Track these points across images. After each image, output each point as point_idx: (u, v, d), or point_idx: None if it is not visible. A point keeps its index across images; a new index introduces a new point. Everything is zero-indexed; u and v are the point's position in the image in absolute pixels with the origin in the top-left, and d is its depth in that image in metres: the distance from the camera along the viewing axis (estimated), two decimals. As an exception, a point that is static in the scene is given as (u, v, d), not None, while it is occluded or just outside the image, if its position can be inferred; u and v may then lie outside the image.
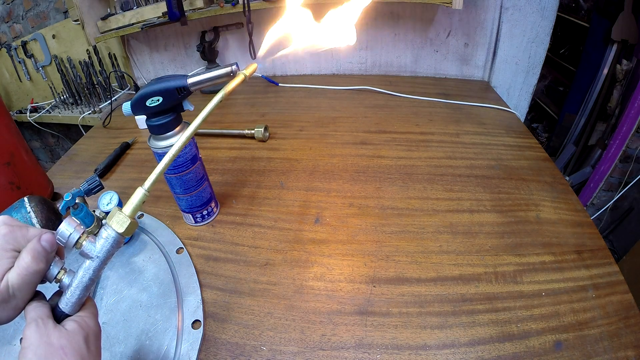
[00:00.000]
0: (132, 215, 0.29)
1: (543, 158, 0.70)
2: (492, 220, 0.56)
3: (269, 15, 1.03)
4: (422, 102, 0.91)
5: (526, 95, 1.03)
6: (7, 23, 1.30)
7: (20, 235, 0.28)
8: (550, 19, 0.89)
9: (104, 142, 0.89)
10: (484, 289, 0.46)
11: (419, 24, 0.98)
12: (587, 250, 0.51)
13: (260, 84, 1.11)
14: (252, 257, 0.53)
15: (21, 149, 0.65)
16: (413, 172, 0.67)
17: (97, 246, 0.29)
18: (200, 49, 1.06)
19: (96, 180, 0.56)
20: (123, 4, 1.04)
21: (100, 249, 0.29)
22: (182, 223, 0.60)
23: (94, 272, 0.29)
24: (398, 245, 0.53)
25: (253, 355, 0.41)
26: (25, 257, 0.26)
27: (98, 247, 0.29)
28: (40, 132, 1.58)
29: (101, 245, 0.29)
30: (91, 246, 0.29)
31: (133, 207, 0.29)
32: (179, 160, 0.51)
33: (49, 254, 0.28)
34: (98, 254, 0.29)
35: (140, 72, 1.24)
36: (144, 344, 0.42)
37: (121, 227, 0.29)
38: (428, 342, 0.41)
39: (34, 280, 0.27)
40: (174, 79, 0.46)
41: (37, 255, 0.27)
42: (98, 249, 0.29)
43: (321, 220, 0.58)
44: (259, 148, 0.78)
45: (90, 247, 0.29)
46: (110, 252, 0.29)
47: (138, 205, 0.30)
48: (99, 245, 0.29)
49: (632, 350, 0.39)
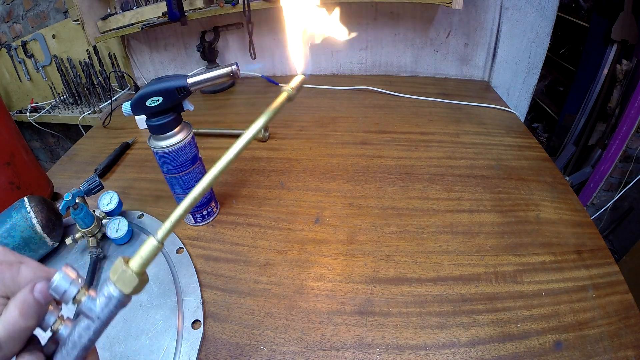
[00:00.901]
0: (141, 272, 0.25)
1: (543, 158, 0.70)
2: (492, 220, 0.56)
3: (269, 15, 1.03)
4: (422, 102, 0.91)
5: (526, 95, 1.03)
6: (7, 23, 1.30)
7: (10, 277, 0.23)
8: (550, 19, 0.89)
9: (104, 142, 0.89)
10: (484, 289, 0.46)
11: (419, 24, 0.98)
12: (587, 250, 0.51)
13: (260, 84, 1.11)
14: (252, 257, 0.53)
15: (21, 149, 0.65)
16: (413, 172, 0.67)
17: (97, 305, 0.24)
18: (200, 49, 1.06)
19: (96, 180, 0.56)
20: (123, 4, 1.04)
21: (101, 310, 0.24)
22: (182, 223, 0.60)
23: (94, 334, 0.24)
24: (398, 245, 0.53)
25: (253, 355, 0.41)
26: (12, 310, 0.22)
27: (99, 307, 0.24)
28: (40, 132, 1.58)
29: (103, 305, 0.24)
30: (91, 304, 0.24)
31: (142, 262, 0.24)
32: (179, 160, 0.51)
33: (42, 308, 0.23)
34: (99, 315, 0.24)
35: (140, 72, 1.24)
36: (144, 344, 0.42)
37: (127, 287, 0.24)
38: (428, 342, 0.41)
39: (23, 336, 0.23)
40: (174, 79, 0.46)
41: (26, 310, 0.22)
42: (99, 309, 0.24)
43: (321, 220, 0.58)
44: (259, 148, 0.78)
45: (90, 305, 0.24)
46: (113, 314, 0.25)
47: (148, 260, 0.25)
48: (100, 304, 0.24)
49: (632, 350, 0.39)
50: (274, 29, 1.07)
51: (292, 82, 0.31)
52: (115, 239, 0.54)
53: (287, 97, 0.30)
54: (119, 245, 0.55)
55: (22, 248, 0.48)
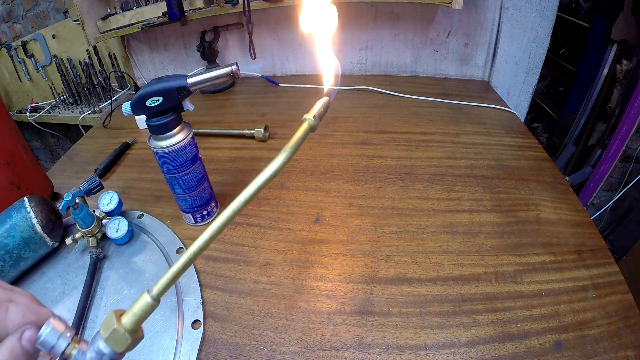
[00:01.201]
0: (134, 329, 0.23)
1: (543, 158, 0.70)
2: (492, 220, 0.56)
3: (269, 15, 1.03)
4: (422, 102, 0.91)
5: (526, 95, 1.03)
6: (7, 23, 1.30)
7: None
8: (550, 19, 0.89)
9: (104, 142, 0.89)
10: (484, 289, 0.46)
11: (419, 24, 0.98)
12: (587, 250, 0.51)
13: (260, 84, 1.11)
14: (252, 257, 0.53)
15: (21, 149, 0.65)
16: (413, 172, 0.67)
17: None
18: (200, 49, 1.06)
19: (96, 180, 0.56)
20: (123, 4, 1.04)
21: None
22: (182, 223, 0.60)
23: None
24: (398, 245, 0.53)
25: (253, 355, 0.41)
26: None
27: None
28: (40, 132, 1.58)
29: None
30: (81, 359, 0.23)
31: (135, 320, 0.23)
32: (179, 160, 0.51)
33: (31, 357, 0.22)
34: None
35: (140, 72, 1.24)
36: (144, 344, 0.42)
37: (119, 346, 0.23)
38: (428, 342, 0.41)
39: None
40: (174, 79, 0.46)
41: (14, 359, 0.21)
42: None
43: (321, 220, 0.58)
44: (259, 148, 0.78)
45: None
46: None
47: (141, 318, 0.23)
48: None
49: (632, 350, 0.39)
50: (274, 29, 1.07)
51: (314, 108, 0.26)
52: (115, 239, 0.54)
53: (309, 128, 0.26)
54: (119, 245, 0.55)
55: (22, 248, 0.48)
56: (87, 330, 0.44)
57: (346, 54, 1.08)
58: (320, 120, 0.26)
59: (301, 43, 1.08)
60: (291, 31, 1.07)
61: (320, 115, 0.26)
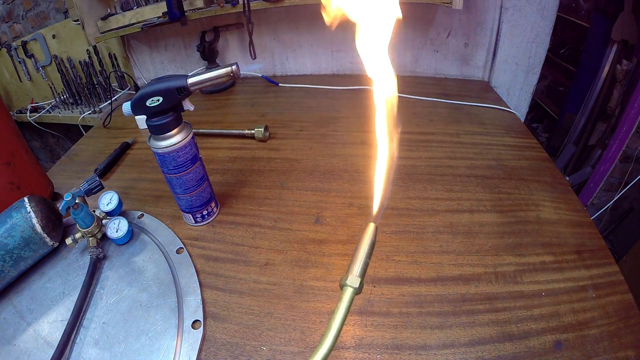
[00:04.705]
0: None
1: (543, 158, 0.69)
2: (492, 220, 0.56)
3: (269, 15, 1.03)
4: (422, 102, 0.91)
5: (526, 95, 1.03)
6: (7, 23, 1.30)
7: None
8: (550, 19, 0.89)
9: (104, 142, 0.89)
10: (484, 289, 0.46)
11: (419, 24, 0.98)
12: (587, 250, 0.51)
13: (260, 84, 1.11)
14: (252, 257, 0.53)
15: (21, 149, 0.65)
16: (413, 172, 0.67)
17: None
18: (200, 49, 1.06)
19: (96, 180, 0.56)
20: (123, 4, 1.04)
21: None
22: (182, 223, 0.60)
23: None
24: (398, 245, 0.53)
25: (253, 355, 0.41)
26: None
27: None
28: (40, 132, 1.58)
29: None
30: None
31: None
32: (179, 161, 0.51)
33: None
34: None
35: (140, 72, 1.24)
36: (144, 344, 0.42)
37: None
38: (428, 342, 0.41)
39: None
40: (174, 79, 0.46)
41: None
42: None
43: (321, 220, 0.58)
44: (259, 148, 0.78)
45: None
46: None
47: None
48: None
49: (632, 350, 0.39)
50: (274, 29, 1.07)
51: (354, 268, 0.20)
52: (115, 239, 0.54)
53: (354, 293, 0.23)
54: (119, 246, 0.55)
55: (22, 248, 0.48)
56: (84, 330, 0.44)
57: (346, 54, 1.08)
58: (362, 286, 0.20)
59: (301, 43, 1.08)
60: (291, 31, 1.07)
61: (364, 270, 0.20)
